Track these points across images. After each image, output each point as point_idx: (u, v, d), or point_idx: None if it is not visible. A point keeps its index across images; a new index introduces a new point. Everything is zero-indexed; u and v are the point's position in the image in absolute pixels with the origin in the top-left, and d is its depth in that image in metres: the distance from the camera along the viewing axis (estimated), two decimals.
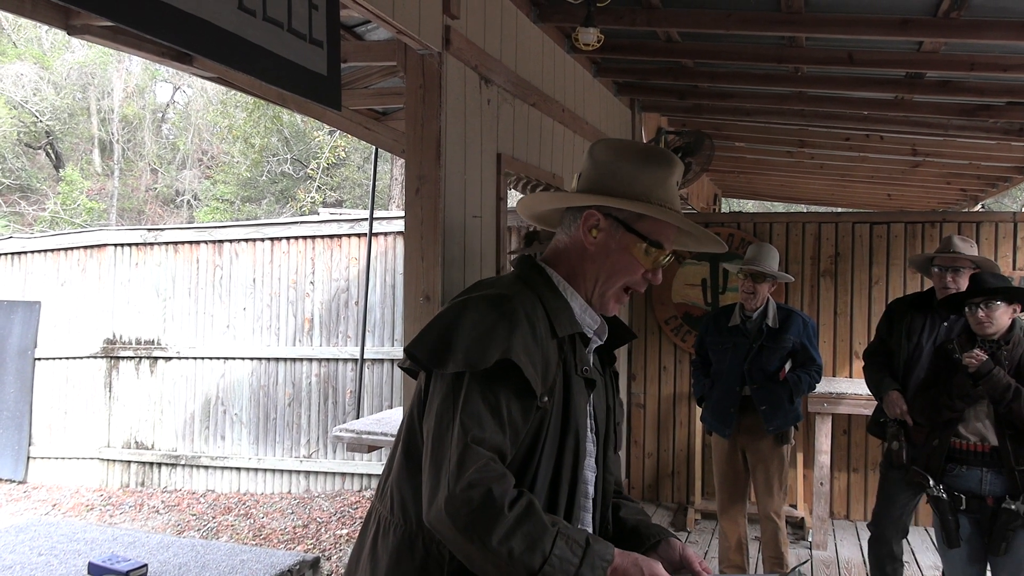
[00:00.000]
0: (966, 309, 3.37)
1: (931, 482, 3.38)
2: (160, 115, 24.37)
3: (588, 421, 1.63)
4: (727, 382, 4.52)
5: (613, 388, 1.77)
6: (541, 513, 1.41)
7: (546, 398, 1.51)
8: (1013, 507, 3.17)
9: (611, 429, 1.73)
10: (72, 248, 9.22)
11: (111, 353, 8.90)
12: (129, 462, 8.87)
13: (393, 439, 4.81)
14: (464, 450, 1.41)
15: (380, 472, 8.07)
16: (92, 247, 9.11)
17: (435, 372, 1.52)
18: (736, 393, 4.50)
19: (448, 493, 1.38)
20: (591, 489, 1.66)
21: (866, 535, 4.56)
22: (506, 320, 1.48)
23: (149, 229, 9.20)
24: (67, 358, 9.06)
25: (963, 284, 3.90)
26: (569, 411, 1.56)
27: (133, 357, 8.87)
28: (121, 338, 8.93)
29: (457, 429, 1.43)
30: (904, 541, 4.34)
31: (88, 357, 8.97)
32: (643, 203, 1.61)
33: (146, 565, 2.58)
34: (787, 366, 4.50)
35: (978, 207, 10.43)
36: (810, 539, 5.66)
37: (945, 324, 4.06)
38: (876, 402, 4.30)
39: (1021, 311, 3.35)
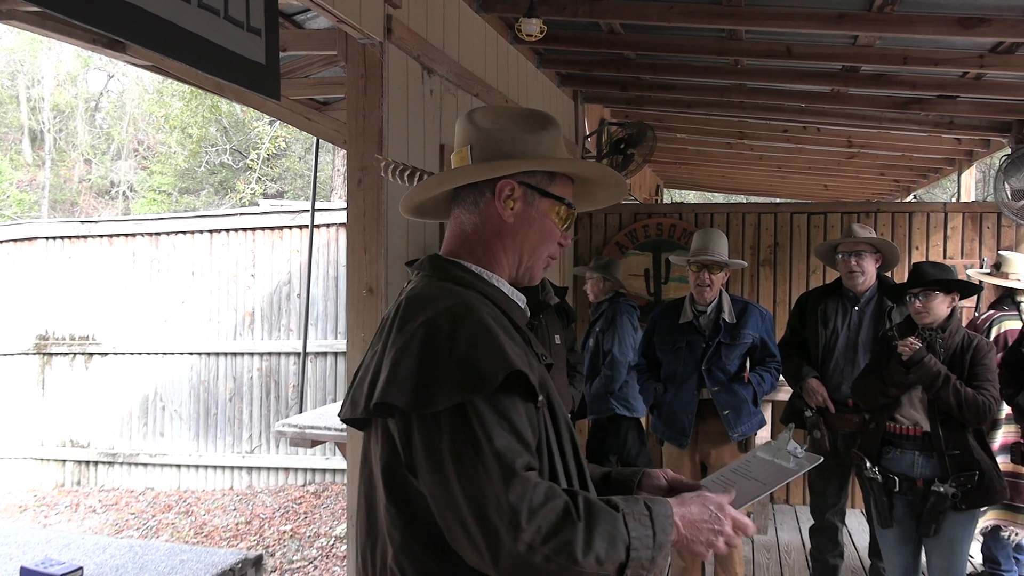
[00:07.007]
0: (907, 298, 3.49)
1: (868, 464, 3.48)
2: (93, 104, 23.66)
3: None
4: (683, 385, 4.12)
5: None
6: (598, 500, 1.32)
7: (540, 397, 1.39)
8: (942, 490, 3.29)
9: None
10: (0, 241, 8.93)
11: (44, 349, 8.65)
12: (64, 461, 8.64)
13: (335, 437, 4.61)
14: (511, 481, 1.26)
15: (323, 467, 8.02)
16: (22, 240, 8.83)
17: (413, 417, 1.32)
18: (694, 397, 4.10)
19: (517, 532, 1.23)
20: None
21: (805, 518, 4.65)
22: (482, 328, 1.34)
23: (83, 221, 8.94)
24: None
25: (867, 267, 4.20)
26: (552, 403, 1.46)
27: (67, 353, 8.63)
28: (54, 334, 8.68)
29: (492, 463, 1.27)
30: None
31: (20, 354, 8.70)
32: (558, 161, 1.52)
33: (81, 568, 2.52)
34: (748, 364, 4.19)
35: (910, 197, 10.71)
36: None
37: (856, 309, 4.23)
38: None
39: (960, 300, 3.47)
